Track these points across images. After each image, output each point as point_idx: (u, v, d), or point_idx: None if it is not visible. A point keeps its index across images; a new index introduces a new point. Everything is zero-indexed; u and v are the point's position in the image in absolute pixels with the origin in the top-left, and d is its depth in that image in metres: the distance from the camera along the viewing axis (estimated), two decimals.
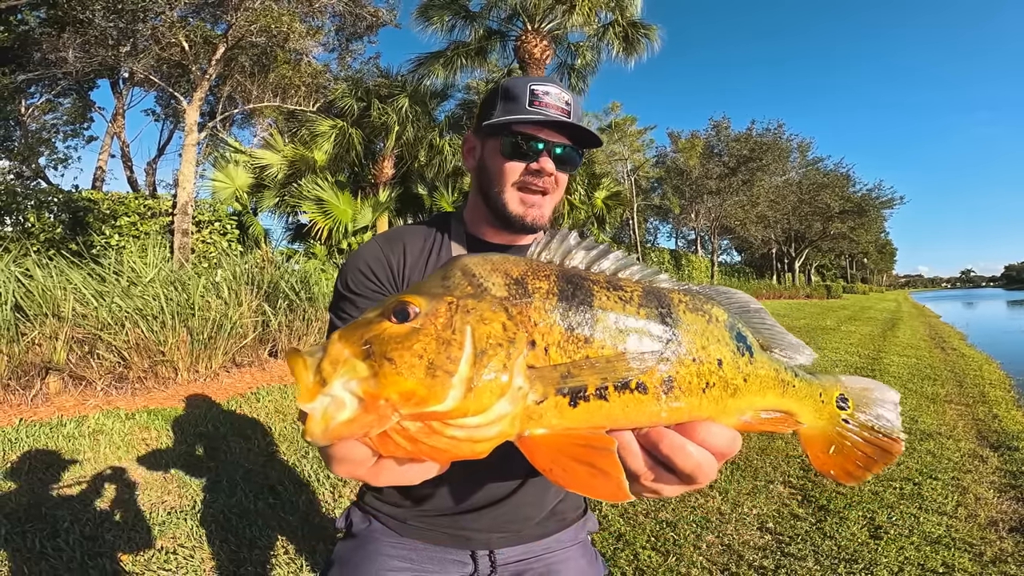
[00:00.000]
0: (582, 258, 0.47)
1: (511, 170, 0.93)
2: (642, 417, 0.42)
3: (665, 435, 0.43)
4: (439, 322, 0.39)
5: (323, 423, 0.36)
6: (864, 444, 0.52)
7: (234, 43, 10.15)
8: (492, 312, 0.40)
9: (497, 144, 0.94)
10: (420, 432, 0.38)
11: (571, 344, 0.41)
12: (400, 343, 0.38)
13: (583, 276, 0.45)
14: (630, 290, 0.45)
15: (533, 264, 0.45)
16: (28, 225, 8.35)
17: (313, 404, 0.36)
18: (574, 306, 0.42)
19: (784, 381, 0.49)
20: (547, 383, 0.39)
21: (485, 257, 0.45)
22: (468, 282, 0.42)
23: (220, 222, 10.18)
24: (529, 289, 0.42)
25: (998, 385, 6.47)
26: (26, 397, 4.09)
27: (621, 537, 2.63)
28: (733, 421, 0.47)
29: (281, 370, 5.45)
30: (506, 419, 0.39)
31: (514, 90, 0.94)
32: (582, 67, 12.86)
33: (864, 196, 35.47)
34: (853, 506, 2.93)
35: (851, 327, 13.24)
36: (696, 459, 0.43)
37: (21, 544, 2.37)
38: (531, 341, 0.40)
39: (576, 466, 0.39)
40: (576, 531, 1.04)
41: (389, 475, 0.46)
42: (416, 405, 0.37)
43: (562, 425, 0.40)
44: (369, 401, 0.37)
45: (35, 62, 11.40)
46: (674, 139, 29.00)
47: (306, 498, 2.98)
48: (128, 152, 17.18)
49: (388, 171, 12.61)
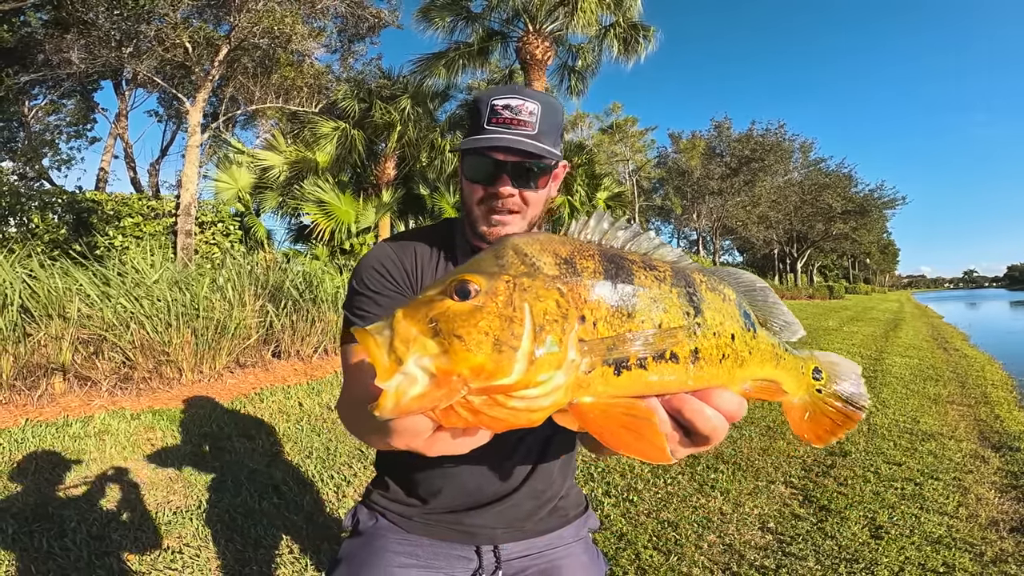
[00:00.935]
0: (620, 238, 0.51)
1: (473, 191, 0.95)
2: (673, 384, 0.47)
3: (686, 401, 0.48)
4: (499, 300, 0.41)
5: (395, 398, 0.38)
6: (832, 411, 0.59)
7: (236, 44, 10.18)
8: (546, 290, 0.43)
9: (462, 165, 0.97)
10: (484, 404, 0.40)
11: (616, 319, 0.44)
12: (466, 320, 0.40)
13: (622, 256, 0.48)
14: (663, 270, 0.49)
15: (578, 243, 0.48)
16: (32, 226, 8.39)
17: (390, 382, 0.38)
18: (618, 284, 0.45)
19: (778, 355, 0.55)
20: (596, 355, 0.43)
21: (534, 236, 0.48)
22: (521, 261, 0.45)
23: (223, 223, 10.22)
24: (578, 268, 0.45)
25: (1000, 386, 6.47)
26: (32, 397, 4.12)
27: (623, 537, 2.65)
28: (738, 388, 0.52)
29: (284, 371, 5.48)
30: (561, 389, 0.41)
31: (477, 106, 0.94)
32: (582, 68, 12.87)
33: (866, 196, 35.40)
34: (854, 506, 2.94)
35: (853, 328, 13.23)
36: (714, 422, 0.48)
37: (28, 544, 2.40)
38: (581, 316, 0.43)
39: (623, 432, 0.43)
40: (577, 528, 1.06)
41: (443, 445, 0.49)
42: (485, 379, 0.39)
43: (607, 392, 0.44)
44: (441, 377, 0.38)
45: (39, 63, 11.43)
46: (675, 140, 29.00)
47: (310, 498, 3.00)
48: (131, 153, 17.24)
49: (390, 172, 12.64)
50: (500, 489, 0.97)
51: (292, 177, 11.90)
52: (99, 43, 9.76)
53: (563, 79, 13.03)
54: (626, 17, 11.29)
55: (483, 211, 0.95)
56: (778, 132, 28.59)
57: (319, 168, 11.91)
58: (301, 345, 5.90)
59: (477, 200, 0.95)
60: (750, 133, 28.22)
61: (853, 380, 0.60)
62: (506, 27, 11.90)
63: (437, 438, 0.48)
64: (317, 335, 5.98)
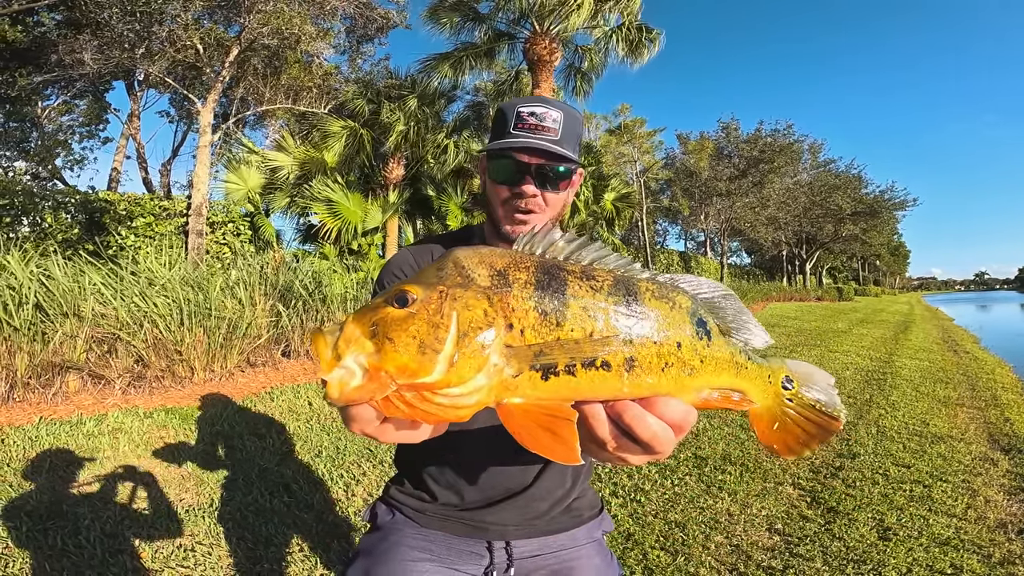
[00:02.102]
0: (562, 250, 0.53)
1: (498, 192, 1.01)
2: (606, 391, 0.48)
3: (628, 407, 0.49)
4: (431, 308, 0.46)
5: (339, 388, 0.44)
6: (805, 422, 0.57)
7: (247, 45, 10.26)
8: (476, 300, 0.47)
9: (486, 167, 1.02)
10: (414, 399, 0.45)
11: (544, 327, 0.47)
12: (399, 325, 0.45)
13: (560, 267, 0.51)
14: (601, 279, 0.50)
15: (516, 256, 0.51)
16: (45, 226, 8.50)
17: (331, 375, 0.44)
18: (548, 294, 0.48)
19: (739, 363, 0.54)
20: (522, 360, 0.46)
21: (476, 250, 0.52)
22: (458, 273, 0.49)
23: (233, 223, 10.30)
24: (509, 279, 0.48)
25: (1010, 388, 6.42)
26: (46, 396, 4.18)
27: (630, 537, 2.66)
28: (692, 397, 0.52)
29: (294, 370, 5.52)
30: (483, 390, 0.45)
31: (504, 112, 1.00)
32: (588, 69, 12.87)
33: (876, 198, 35.09)
34: (862, 508, 2.94)
35: (863, 330, 13.14)
36: (654, 429, 0.49)
37: (43, 541, 2.43)
38: (509, 324, 0.46)
39: (540, 431, 0.46)
40: (591, 530, 1.08)
41: (391, 434, 0.54)
42: (409, 376, 0.44)
43: (535, 395, 0.47)
44: (373, 372, 0.44)
45: (52, 64, 11.57)
46: (683, 141, 28.87)
47: (320, 496, 3.03)
48: (143, 153, 17.38)
49: (398, 172, 12.68)
50: (512, 486, 0.99)
51: (301, 177, 11.98)
52: (112, 44, 9.86)
53: (569, 80, 13.03)
54: (630, 17, 11.27)
55: (507, 211, 1.00)
56: (787, 132, 28.39)
57: (327, 168, 11.98)
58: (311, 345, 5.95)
59: (502, 200, 1.00)
60: (758, 133, 28.03)
61: (827, 390, 0.59)
62: (513, 28, 11.92)
63: (385, 427, 0.52)
64: None
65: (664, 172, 26.78)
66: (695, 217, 29.75)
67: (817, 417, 0.57)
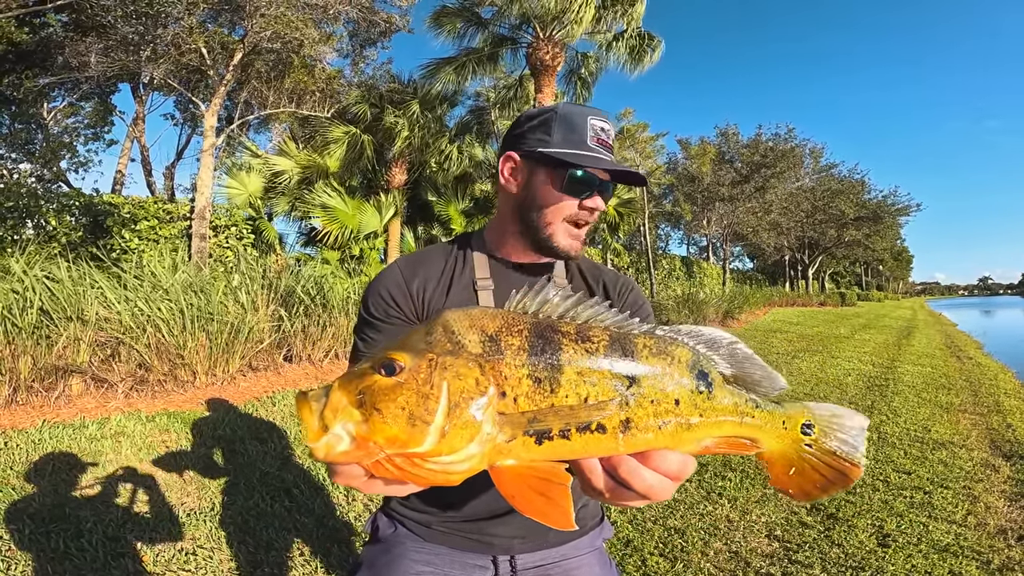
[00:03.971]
0: (557, 307, 0.52)
1: (566, 205, 0.97)
2: (601, 451, 0.48)
3: (623, 461, 0.49)
4: (420, 377, 0.45)
5: (325, 451, 0.44)
6: (824, 467, 0.56)
7: (250, 49, 10.32)
8: (467, 368, 0.46)
9: (552, 175, 0.96)
10: (404, 463, 0.45)
11: (538, 394, 0.46)
12: (386, 395, 0.44)
13: (554, 328, 0.50)
14: (597, 340, 0.49)
15: (509, 318, 0.50)
16: (49, 228, 8.54)
17: (317, 443, 0.44)
18: (542, 359, 0.47)
19: (742, 412, 0.53)
20: (515, 427, 0.45)
21: (466, 312, 0.51)
22: (447, 339, 0.48)
23: (236, 227, 10.34)
24: (502, 346, 0.48)
25: (1013, 395, 6.41)
26: (49, 399, 4.20)
27: (629, 543, 2.66)
28: (691, 448, 0.52)
29: (296, 375, 5.54)
30: (475, 457, 0.45)
31: (573, 120, 0.96)
32: (589, 75, 12.91)
33: (879, 203, 35.03)
34: (862, 514, 2.94)
35: (865, 335, 13.12)
36: (649, 482, 0.49)
37: (45, 544, 2.44)
38: (501, 392, 0.46)
39: (534, 496, 0.46)
40: (593, 538, 1.07)
41: (378, 488, 0.53)
42: (399, 448, 0.44)
43: (529, 458, 0.47)
44: (361, 441, 0.44)
45: (58, 66, 11.65)
46: (684, 146, 28.86)
47: (321, 501, 3.04)
48: (147, 156, 17.48)
49: (400, 177, 12.72)
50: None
51: (303, 181, 12.02)
52: (117, 47, 9.92)
53: (570, 85, 13.07)
54: (632, 25, 11.31)
55: (566, 225, 0.98)
56: (788, 136, 28.35)
57: (329, 172, 12.02)
58: (312, 349, 5.96)
59: (565, 213, 0.97)
60: (758, 138, 27.98)
61: (854, 433, 0.56)
62: (515, 33, 11.96)
63: (372, 483, 0.51)
64: (328, 339, 6.05)
65: (667, 177, 26.73)
66: (697, 222, 29.71)
67: (837, 464, 0.55)
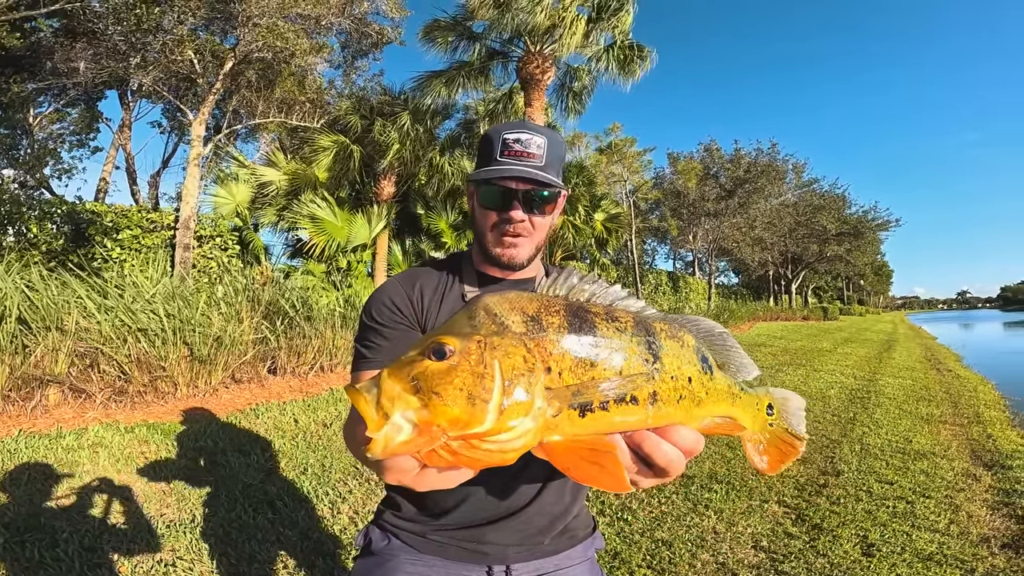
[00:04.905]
0: (586, 292, 0.56)
1: (487, 217, 1.03)
2: (634, 423, 0.52)
3: (646, 436, 0.53)
4: (472, 359, 0.47)
5: (384, 443, 0.45)
6: (781, 442, 0.65)
7: (241, 58, 10.29)
8: (514, 347, 0.48)
9: (475, 193, 1.04)
10: (462, 447, 0.46)
11: (580, 368, 0.50)
12: (443, 378, 0.46)
13: (586, 309, 0.53)
14: (624, 320, 0.54)
15: (544, 300, 0.53)
16: (30, 236, 8.39)
17: (379, 433, 0.45)
18: (581, 336, 0.51)
19: (734, 394, 0.60)
20: (562, 400, 0.48)
21: (504, 296, 0.53)
22: (491, 321, 0.50)
23: (221, 237, 10.23)
24: (544, 324, 0.50)
25: (993, 406, 6.52)
26: (25, 408, 4.11)
27: (617, 555, 2.65)
28: (696, 425, 0.57)
29: (280, 387, 5.47)
30: (530, 432, 0.47)
31: (489, 137, 1.02)
32: (580, 89, 13.05)
33: (860, 218, 35.65)
34: (846, 524, 2.96)
35: (847, 349, 13.28)
36: (670, 456, 0.53)
37: (20, 553, 2.39)
38: (547, 368, 0.48)
39: (587, 465, 0.49)
40: (585, 548, 1.09)
41: (431, 480, 0.55)
42: (461, 428, 0.45)
43: (573, 432, 0.49)
44: (423, 427, 0.45)
45: (46, 71, 11.53)
46: (673, 160, 29.17)
47: (305, 514, 2.99)
48: (133, 164, 17.27)
49: (389, 189, 12.71)
50: (511, 504, 0.99)
51: (290, 192, 11.96)
52: (107, 54, 9.85)
53: (561, 99, 13.20)
54: (621, 36, 11.46)
55: (496, 235, 1.03)
56: (771, 152, 28.78)
57: (317, 183, 11.97)
58: (297, 362, 5.90)
59: (491, 226, 1.03)
60: (738, 153, 28.32)
61: (799, 414, 0.66)
62: (506, 47, 12.09)
63: (424, 475, 0.53)
64: (313, 352, 5.99)
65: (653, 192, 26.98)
66: (683, 237, 29.98)
67: (790, 439, 0.64)
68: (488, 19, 11.11)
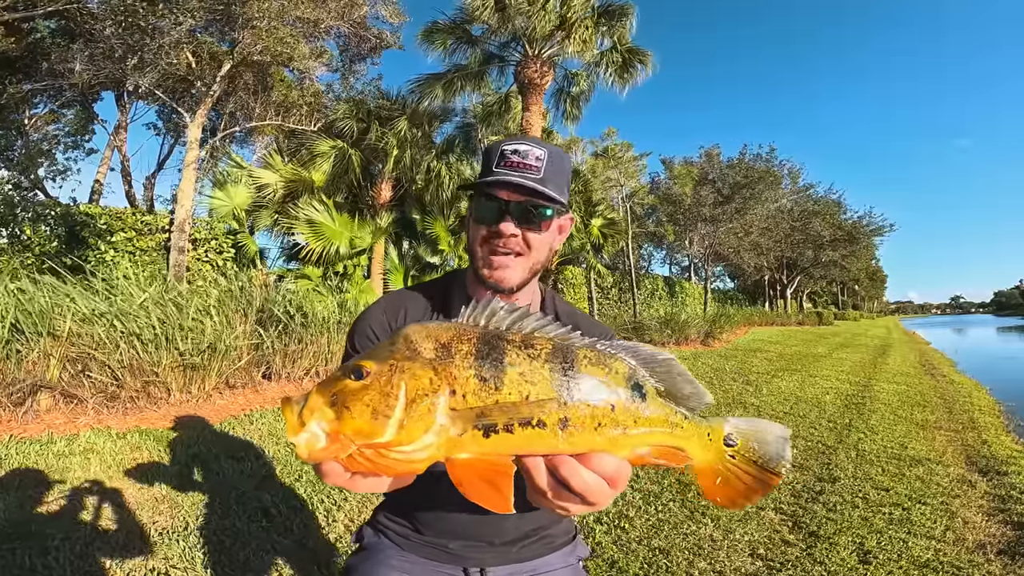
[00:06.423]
0: (503, 320, 0.59)
1: (478, 231, 0.97)
2: (543, 447, 0.54)
3: (563, 461, 0.54)
4: (383, 379, 0.52)
5: (307, 449, 0.51)
6: (745, 476, 0.61)
7: (239, 61, 10.26)
8: (422, 370, 0.53)
9: (472, 206, 1.00)
10: (374, 455, 0.52)
11: (484, 391, 0.53)
12: (355, 395, 0.52)
13: (500, 336, 0.57)
14: (539, 347, 0.56)
15: (461, 329, 0.57)
16: (24, 238, 8.34)
17: (297, 437, 0.51)
18: (488, 362, 0.54)
19: (673, 423, 0.58)
20: (465, 421, 0.52)
21: (425, 326, 0.58)
22: (407, 347, 0.55)
23: (216, 240, 10.17)
24: (452, 351, 0.55)
25: (987, 411, 6.54)
26: (16, 414, 4.07)
27: (614, 564, 2.64)
28: (626, 454, 0.57)
29: (275, 393, 5.44)
30: (432, 447, 0.52)
31: (489, 150, 0.99)
32: (578, 93, 13.07)
33: (855, 224, 35.79)
34: (843, 531, 2.95)
35: (842, 354, 13.32)
36: (587, 482, 0.54)
37: (11, 560, 2.36)
38: (452, 390, 0.53)
39: (479, 483, 0.52)
40: (565, 556, 1.10)
41: (362, 484, 0.59)
42: (365, 438, 0.51)
43: (479, 451, 0.53)
44: (334, 436, 0.51)
45: (43, 72, 11.48)
46: (668, 165, 29.23)
47: (300, 521, 2.96)
48: (128, 166, 17.17)
49: (386, 194, 12.69)
50: (485, 517, 1.02)
51: (287, 196, 11.91)
52: (103, 55, 9.81)
53: (559, 103, 13.22)
54: (622, 42, 11.49)
55: (485, 252, 0.97)
56: (768, 157, 28.83)
57: (314, 187, 11.94)
58: (292, 367, 5.86)
59: (481, 241, 0.97)
60: (742, 157, 28.36)
61: (776, 445, 0.61)
62: (505, 51, 12.10)
63: (354, 479, 0.57)
64: (308, 358, 5.95)
65: (650, 198, 26.99)
66: (680, 242, 30.01)
67: (757, 472, 0.60)
68: (489, 23, 11.13)
